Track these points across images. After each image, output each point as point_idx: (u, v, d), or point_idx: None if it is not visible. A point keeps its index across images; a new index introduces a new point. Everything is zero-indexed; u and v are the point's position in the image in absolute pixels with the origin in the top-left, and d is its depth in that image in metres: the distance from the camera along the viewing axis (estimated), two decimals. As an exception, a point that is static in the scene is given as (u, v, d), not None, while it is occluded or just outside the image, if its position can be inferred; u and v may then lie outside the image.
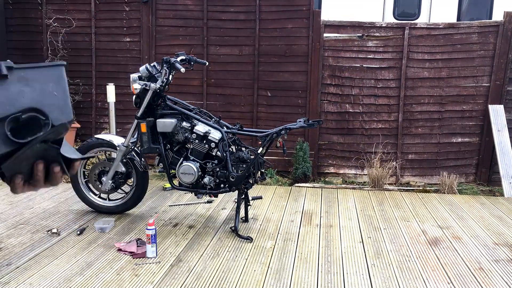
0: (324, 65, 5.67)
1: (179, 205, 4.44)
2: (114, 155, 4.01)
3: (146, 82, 3.53)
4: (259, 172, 3.76)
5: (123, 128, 5.76)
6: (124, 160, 3.85)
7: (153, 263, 3.11)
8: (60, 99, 0.82)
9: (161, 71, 3.61)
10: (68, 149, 0.85)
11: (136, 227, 3.78)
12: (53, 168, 0.83)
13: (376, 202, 4.71)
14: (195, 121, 3.59)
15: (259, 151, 3.64)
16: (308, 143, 5.68)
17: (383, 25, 5.60)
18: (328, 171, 5.85)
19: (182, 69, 3.45)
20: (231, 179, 3.57)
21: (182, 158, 3.62)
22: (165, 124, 3.51)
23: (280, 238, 3.63)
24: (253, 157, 3.63)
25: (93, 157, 4.32)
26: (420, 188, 5.51)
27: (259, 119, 5.86)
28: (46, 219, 3.95)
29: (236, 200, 3.70)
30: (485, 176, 5.64)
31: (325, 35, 5.64)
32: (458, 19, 7.14)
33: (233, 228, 3.67)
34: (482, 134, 5.62)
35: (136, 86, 3.55)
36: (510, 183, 5.21)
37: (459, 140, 5.67)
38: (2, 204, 4.33)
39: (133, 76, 3.61)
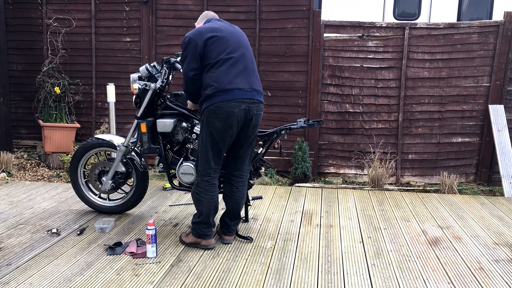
0: (324, 65, 5.67)
1: (179, 205, 4.43)
2: (114, 155, 4.00)
3: (146, 82, 3.52)
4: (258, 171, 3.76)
5: (123, 128, 5.76)
6: (124, 160, 3.85)
7: (153, 263, 3.11)
8: None
9: (161, 71, 3.61)
10: None
11: (136, 227, 3.78)
12: None
13: (376, 202, 4.71)
14: (195, 121, 3.58)
15: (259, 151, 3.64)
16: (308, 143, 5.68)
17: (383, 25, 5.60)
18: (328, 171, 5.85)
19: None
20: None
21: (182, 158, 3.61)
22: (165, 124, 3.51)
23: (280, 238, 3.63)
24: (253, 157, 3.63)
25: None
26: (420, 188, 5.51)
27: (259, 119, 5.85)
28: (46, 219, 3.95)
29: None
30: (485, 176, 5.64)
31: (325, 35, 5.64)
32: (458, 19, 7.14)
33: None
34: (482, 134, 5.62)
35: (136, 86, 3.54)
36: (510, 183, 5.21)
37: (459, 140, 5.67)
38: (2, 204, 4.33)
39: (133, 76, 3.60)
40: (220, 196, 3.46)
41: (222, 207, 3.51)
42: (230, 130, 3.14)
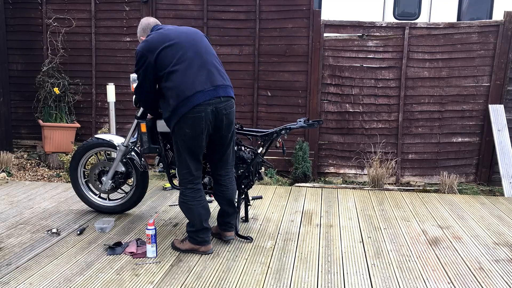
0: (324, 65, 5.67)
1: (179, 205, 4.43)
2: (114, 155, 4.00)
3: (146, 82, 3.51)
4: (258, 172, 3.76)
5: (123, 128, 5.76)
6: (124, 160, 3.85)
7: (153, 263, 3.11)
8: None
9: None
10: None
11: (136, 227, 3.78)
12: None
13: (376, 202, 4.71)
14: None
15: (259, 151, 3.64)
16: (308, 143, 5.68)
17: (383, 25, 5.60)
18: (328, 171, 5.85)
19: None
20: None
21: (182, 158, 3.60)
22: (165, 124, 3.51)
23: (280, 238, 3.63)
24: (253, 157, 3.63)
25: None
26: (420, 188, 5.51)
27: (259, 119, 5.86)
28: (46, 219, 3.95)
29: (236, 200, 3.69)
30: (485, 176, 5.64)
31: (325, 35, 5.64)
32: (458, 18, 7.14)
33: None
34: (482, 134, 5.62)
35: (136, 86, 3.53)
36: (510, 182, 5.21)
37: (459, 140, 5.67)
38: (2, 204, 4.33)
39: (133, 75, 3.60)
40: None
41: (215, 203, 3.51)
42: (202, 135, 3.07)
